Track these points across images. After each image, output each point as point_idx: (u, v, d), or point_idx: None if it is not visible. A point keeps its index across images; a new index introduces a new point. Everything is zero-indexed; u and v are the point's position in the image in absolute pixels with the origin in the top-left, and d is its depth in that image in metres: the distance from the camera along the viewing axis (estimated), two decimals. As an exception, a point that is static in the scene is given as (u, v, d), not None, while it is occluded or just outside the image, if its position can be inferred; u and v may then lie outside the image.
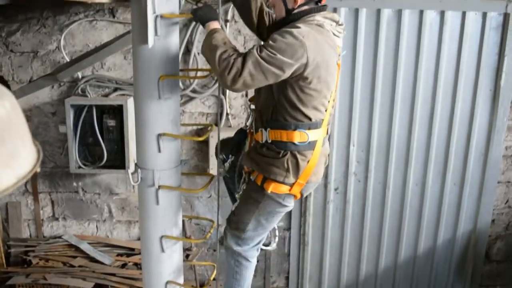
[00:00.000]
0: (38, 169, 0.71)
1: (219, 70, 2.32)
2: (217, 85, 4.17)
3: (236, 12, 4.08)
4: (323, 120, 2.54)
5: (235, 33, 4.21)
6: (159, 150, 2.82)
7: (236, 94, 4.25)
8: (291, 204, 2.70)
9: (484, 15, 4.21)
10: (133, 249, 4.64)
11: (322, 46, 2.40)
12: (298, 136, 2.48)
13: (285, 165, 2.50)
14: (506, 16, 4.22)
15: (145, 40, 2.60)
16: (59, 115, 4.41)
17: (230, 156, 2.97)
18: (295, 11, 2.49)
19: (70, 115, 4.13)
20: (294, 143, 2.49)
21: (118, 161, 4.27)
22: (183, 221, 3.26)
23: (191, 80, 4.23)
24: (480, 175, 4.65)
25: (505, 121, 4.49)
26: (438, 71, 4.30)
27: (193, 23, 4.11)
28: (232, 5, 4.00)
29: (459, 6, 4.17)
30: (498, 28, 4.27)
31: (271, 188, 2.55)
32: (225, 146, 3.00)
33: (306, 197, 4.53)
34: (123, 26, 4.20)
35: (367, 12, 4.16)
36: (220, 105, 3.35)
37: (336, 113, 4.34)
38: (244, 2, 2.78)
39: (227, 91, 4.23)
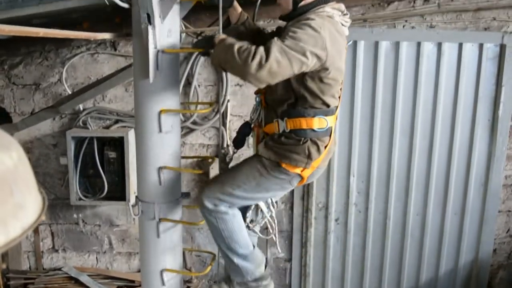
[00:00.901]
0: (43, 217, 0.72)
1: (241, 61, 2.22)
2: (217, 116, 4.20)
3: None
4: (337, 107, 2.58)
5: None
6: (160, 183, 2.84)
7: (237, 125, 4.27)
8: (294, 185, 2.66)
9: (481, 46, 4.27)
10: (133, 281, 4.60)
11: (335, 37, 2.41)
12: (317, 123, 2.48)
13: (306, 151, 2.48)
14: (502, 47, 4.28)
15: (146, 74, 2.63)
16: (60, 146, 4.43)
17: (234, 149, 2.96)
18: (302, 3, 2.49)
19: (71, 147, 4.15)
20: (313, 130, 2.49)
21: (118, 193, 4.27)
22: (183, 253, 3.24)
23: (192, 112, 4.26)
24: (481, 205, 4.65)
25: (504, 150, 4.51)
26: (437, 102, 4.34)
27: (194, 55, 4.16)
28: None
29: (456, 38, 4.23)
30: (494, 58, 4.33)
31: (285, 165, 2.51)
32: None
33: (307, 227, 4.54)
34: (124, 59, 4.25)
35: (365, 44, 4.22)
36: (221, 137, 3.36)
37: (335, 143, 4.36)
38: (240, 34, 2.81)
39: (227, 122, 4.26)
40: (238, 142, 2.90)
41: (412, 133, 4.40)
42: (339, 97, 2.60)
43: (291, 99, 2.51)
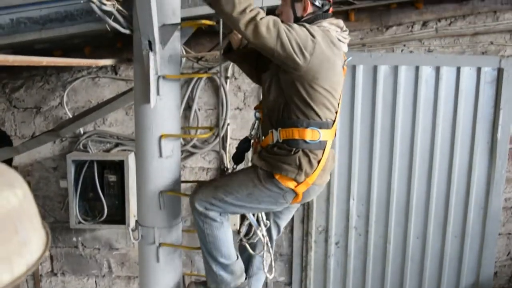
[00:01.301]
0: (47, 253, 0.73)
1: (240, 8, 2.25)
2: (217, 140, 4.22)
3: (236, 69, 4.18)
4: (333, 121, 2.54)
5: (235, 89, 4.29)
6: (160, 208, 2.84)
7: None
8: (288, 202, 2.59)
9: (479, 70, 4.31)
10: (132, 305, 4.58)
11: (329, 46, 2.43)
12: (310, 134, 2.46)
13: (297, 162, 2.45)
14: (500, 71, 4.32)
15: (147, 99, 2.65)
16: (60, 170, 4.44)
17: (233, 165, 2.95)
18: (303, 19, 2.54)
19: (71, 170, 4.16)
20: (305, 141, 2.46)
21: (118, 216, 4.26)
22: (183, 277, 3.23)
23: (192, 137, 4.28)
24: (481, 227, 4.64)
25: (503, 173, 4.52)
26: (435, 125, 4.36)
27: (194, 79, 4.19)
28: (232, 63, 4.10)
29: (454, 62, 4.27)
30: (492, 82, 4.36)
31: (279, 176, 2.47)
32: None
33: (307, 251, 4.52)
34: (125, 83, 4.28)
35: (364, 68, 4.26)
36: (221, 160, 3.38)
37: (335, 167, 4.37)
38: (242, 58, 2.87)
39: (227, 145, 4.29)
40: (238, 157, 2.89)
41: (412, 156, 4.41)
42: (336, 112, 2.56)
43: (283, 104, 2.50)
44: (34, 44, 3.60)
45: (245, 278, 2.83)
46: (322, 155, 2.51)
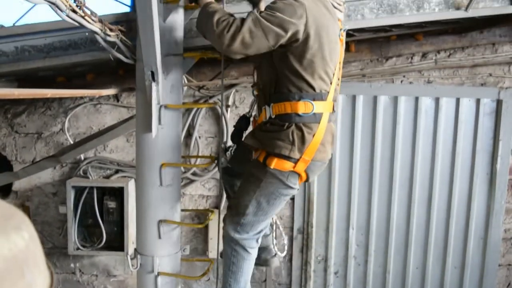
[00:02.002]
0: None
1: (217, 31, 2.22)
2: (217, 168, 4.23)
3: (236, 97, 4.21)
4: (328, 92, 2.43)
5: (236, 117, 4.30)
6: (160, 237, 2.84)
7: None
8: (295, 186, 2.50)
9: (478, 102, 4.35)
10: (129, 334, 4.53)
11: (321, 10, 2.36)
12: (303, 107, 2.36)
13: (290, 137, 2.35)
14: (498, 102, 4.36)
15: (149, 129, 2.68)
16: (60, 195, 4.43)
17: (232, 144, 2.90)
18: None
19: (71, 196, 4.16)
20: (298, 114, 2.36)
21: (117, 243, 4.24)
22: (181, 306, 3.21)
23: (192, 162, 4.29)
24: (481, 258, 4.62)
25: (503, 204, 4.52)
26: (435, 156, 4.38)
27: (195, 108, 4.22)
28: (233, 91, 4.14)
29: (453, 93, 4.30)
30: (491, 113, 4.39)
31: (274, 164, 2.39)
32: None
33: (306, 280, 4.49)
34: (126, 110, 4.31)
35: (364, 98, 4.29)
36: (221, 188, 3.38)
37: (334, 196, 4.39)
38: None
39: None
40: (235, 135, 2.81)
41: (411, 186, 4.42)
42: (332, 83, 2.46)
43: (275, 78, 2.43)
44: (38, 71, 3.63)
45: None
46: (318, 128, 2.41)
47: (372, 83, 4.28)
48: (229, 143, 3.00)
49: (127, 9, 3.53)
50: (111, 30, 2.36)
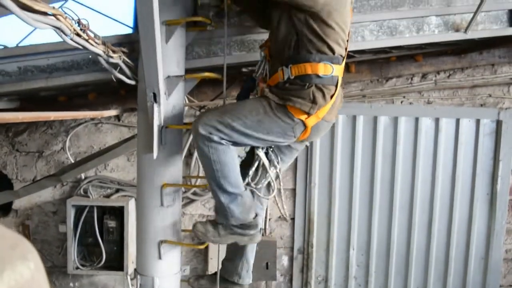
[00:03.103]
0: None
1: None
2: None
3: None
4: (343, 58, 2.51)
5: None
6: (160, 257, 2.84)
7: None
8: (295, 136, 2.50)
9: (478, 122, 4.37)
10: None
11: None
12: (323, 68, 2.41)
13: (311, 96, 2.41)
14: (498, 123, 4.37)
15: (150, 149, 2.68)
16: (60, 214, 4.43)
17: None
18: None
19: (71, 216, 4.16)
20: (318, 76, 2.41)
21: (116, 263, 4.23)
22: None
23: (193, 182, 4.29)
24: (482, 279, 4.60)
25: (503, 224, 4.52)
26: (435, 176, 4.39)
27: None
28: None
29: (453, 114, 4.32)
30: (491, 134, 4.40)
31: (290, 108, 2.43)
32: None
33: (306, 301, 4.47)
34: (127, 129, 4.32)
35: (364, 119, 4.31)
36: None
37: (335, 216, 4.39)
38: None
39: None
40: (242, 96, 2.80)
41: (412, 206, 4.42)
42: (346, 49, 2.54)
43: (294, 40, 2.45)
44: (40, 91, 3.65)
45: (256, 215, 2.71)
46: (335, 90, 2.48)
47: (372, 103, 4.30)
48: None
49: (130, 31, 3.57)
50: (113, 51, 2.38)
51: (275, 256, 4.31)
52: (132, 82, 2.83)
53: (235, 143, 2.54)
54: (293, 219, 4.46)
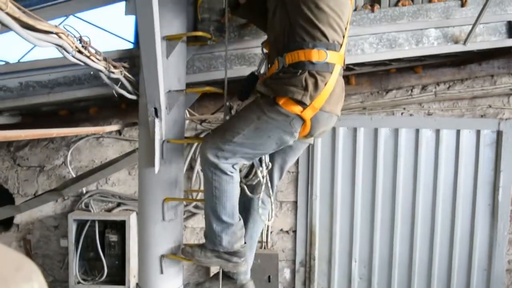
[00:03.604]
0: None
1: None
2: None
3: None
4: (341, 45, 2.45)
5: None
6: (162, 272, 2.83)
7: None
8: (296, 133, 2.45)
9: (478, 133, 4.37)
10: None
11: None
12: (316, 55, 2.36)
13: (303, 82, 2.34)
14: (499, 133, 4.38)
15: (151, 164, 2.69)
16: (62, 228, 4.43)
17: (238, 103, 2.84)
18: None
19: (73, 230, 4.16)
20: (312, 62, 2.36)
21: (118, 277, 4.22)
22: None
23: (194, 196, 4.29)
24: (485, 290, 4.59)
25: (505, 235, 4.51)
26: (436, 187, 4.39)
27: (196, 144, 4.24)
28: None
29: (453, 125, 4.33)
30: (492, 145, 4.41)
31: (283, 102, 2.37)
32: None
33: (308, 314, 4.45)
34: (129, 143, 4.33)
35: (365, 131, 4.32)
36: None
37: (337, 228, 4.38)
38: (249, 10, 2.85)
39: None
40: (243, 93, 2.76)
41: (413, 218, 4.42)
42: (344, 37, 2.48)
43: (288, 27, 2.44)
44: (42, 107, 3.67)
45: (244, 243, 2.71)
46: (330, 78, 2.41)
47: (372, 115, 4.31)
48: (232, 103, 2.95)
49: (131, 46, 3.60)
50: (115, 67, 2.39)
51: (277, 269, 4.30)
52: (133, 97, 2.84)
53: (246, 158, 2.55)
54: (294, 231, 4.46)
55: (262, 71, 2.76)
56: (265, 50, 2.76)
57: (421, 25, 3.33)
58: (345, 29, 2.49)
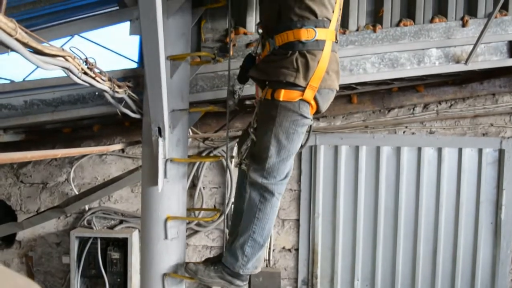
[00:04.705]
0: None
1: None
2: (221, 218, 4.23)
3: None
4: (330, 20, 2.43)
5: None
6: (164, 290, 2.83)
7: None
8: (308, 115, 2.48)
9: (480, 151, 4.37)
10: None
11: None
12: (305, 33, 2.36)
13: (294, 64, 2.36)
14: (501, 152, 4.38)
15: (155, 182, 2.70)
16: (64, 245, 4.43)
17: (239, 86, 2.86)
18: None
19: (75, 247, 4.15)
20: (301, 42, 2.36)
21: (120, 295, 4.21)
22: None
23: (196, 214, 4.29)
24: (488, 309, 4.56)
25: (508, 253, 4.49)
26: (439, 206, 4.38)
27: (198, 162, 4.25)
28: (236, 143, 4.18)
29: (455, 143, 4.34)
30: (494, 163, 4.41)
31: (282, 95, 2.39)
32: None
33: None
34: (131, 160, 4.34)
35: (367, 149, 4.33)
36: (225, 239, 3.38)
37: (339, 247, 4.37)
38: None
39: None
40: (242, 75, 2.75)
41: (416, 237, 4.40)
42: (334, 12, 2.46)
43: (277, 8, 2.44)
44: (45, 124, 3.69)
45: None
46: (322, 55, 2.41)
47: (374, 134, 4.32)
48: (237, 86, 2.97)
49: (135, 65, 3.62)
50: (119, 86, 2.41)
51: (279, 287, 4.28)
52: (137, 116, 2.86)
53: (288, 159, 2.58)
54: (297, 250, 4.45)
55: (258, 51, 2.75)
56: (260, 30, 2.77)
57: (422, 45, 3.36)
58: (335, 2, 2.48)
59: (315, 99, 2.46)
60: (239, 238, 2.67)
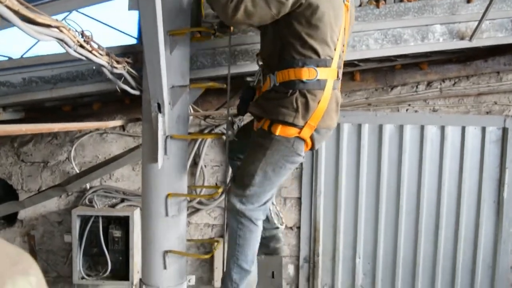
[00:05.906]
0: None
1: (222, 2, 2.30)
2: (223, 196, 4.22)
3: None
4: (332, 59, 2.43)
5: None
6: (165, 267, 2.84)
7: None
8: (301, 153, 2.49)
9: (483, 130, 4.34)
10: None
11: None
12: (307, 73, 2.36)
13: (294, 104, 2.36)
14: (504, 130, 4.34)
15: (155, 159, 2.68)
16: (65, 224, 4.43)
17: (239, 118, 2.88)
18: None
19: (76, 226, 4.15)
20: (302, 81, 2.36)
21: (122, 272, 4.21)
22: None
23: (198, 192, 4.28)
24: (489, 287, 4.56)
25: (510, 231, 4.49)
26: (441, 184, 4.36)
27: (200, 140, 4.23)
28: (239, 119, 4.15)
29: (459, 121, 4.30)
30: (497, 141, 4.38)
31: (279, 130, 2.40)
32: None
33: (312, 310, 4.44)
34: (132, 139, 4.32)
35: (369, 127, 4.30)
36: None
37: (341, 224, 4.37)
38: None
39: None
40: (241, 107, 2.73)
41: (418, 215, 4.39)
42: (336, 49, 2.45)
43: (279, 46, 2.43)
44: (44, 102, 3.66)
45: None
46: (323, 95, 2.41)
47: (377, 112, 4.29)
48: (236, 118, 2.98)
49: (134, 41, 3.58)
50: (118, 62, 2.38)
51: (281, 265, 4.27)
52: (137, 93, 2.83)
53: (269, 190, 2.62)
54: (298, 227, 4.45)
55: (257, 81, 2.76)
56: (260, 62, 2.76)
57: (426, 21, 3.31)
58: (337, 39, 2.46)
59: (311, 137, 2.47)
60: (228, 263, 2.73)
